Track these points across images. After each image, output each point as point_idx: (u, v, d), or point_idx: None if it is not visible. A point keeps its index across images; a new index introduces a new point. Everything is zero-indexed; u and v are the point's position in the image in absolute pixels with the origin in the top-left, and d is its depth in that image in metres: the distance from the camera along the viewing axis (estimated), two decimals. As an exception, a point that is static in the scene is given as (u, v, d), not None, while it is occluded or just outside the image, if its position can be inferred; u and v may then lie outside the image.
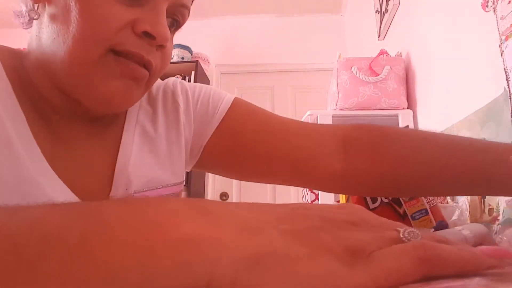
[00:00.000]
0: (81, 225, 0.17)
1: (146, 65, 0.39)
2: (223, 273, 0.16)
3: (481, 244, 0.40)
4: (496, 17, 0.76)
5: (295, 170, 0.49)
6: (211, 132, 0.50)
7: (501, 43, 0.74)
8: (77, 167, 0.41)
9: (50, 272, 0.15)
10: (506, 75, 0.73)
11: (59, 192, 0.38)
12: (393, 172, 0.46)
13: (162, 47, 0.40)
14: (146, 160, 0.45)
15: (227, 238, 0.18)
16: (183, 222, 0.18)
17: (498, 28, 0.76)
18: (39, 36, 0.39)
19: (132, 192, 0.43)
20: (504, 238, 0.31)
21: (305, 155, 0.48)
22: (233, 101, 0.51)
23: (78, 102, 0.40)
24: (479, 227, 0.42)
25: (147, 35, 0.38)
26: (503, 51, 0.74)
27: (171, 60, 2.38)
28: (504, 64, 0.74)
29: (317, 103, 2.38)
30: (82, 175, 0.41)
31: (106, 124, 0.45)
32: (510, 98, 0.72)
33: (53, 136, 0.40)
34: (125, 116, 0.47)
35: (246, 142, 0.49)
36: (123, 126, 0.46)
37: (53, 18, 0.37)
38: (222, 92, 0.53)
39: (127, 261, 0.16)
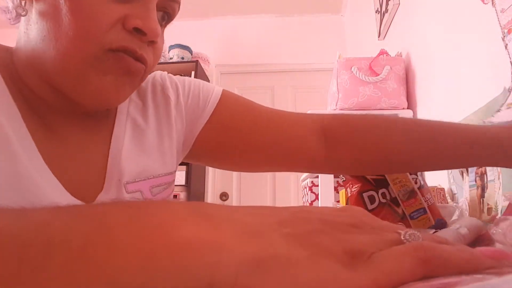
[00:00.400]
0: (84, 228, 0.17)
1: (140, 60, 0.40)
2: (223, 276, 0.16)
3: (477, 238, 0.40)
4: (496, 11, 0.75)
5: (282, 158, 0.52)
6: (203, 125, 0.51)
7: (504, 36, 0.73)
8: (72, 161, 0.41)
9: (54, 274, 0.15)
10: (512, 68, 0.72)
11: (54, 189, 0.38)
12: (370, 159, 0.51)
13: (153, 43, 0.40)
14: (137, 151, 0.46)
15: (227, 241, 0.18)
16: (184, 225, 0.18)
17: (499, 21, 0.74)
18: (27, 33, 0.39)
19: (125, 182, 0.43)
20: (499, 230, 0.31)
21: (291, 143, 0.51)
22: (222, 93, 0.53)
23: (70, 98, 0.40)
24: (475, 222, 0.42)
25: (138, 31, 0.38)
26: (507, 44, 0.72)
27: (171, 60, 2.38)
28: (510, 58, 0.71)
29: (317, 103, 2.39)
30: (76, 169, 0.41)
31: (99, 117, 0.45)
32: (510, 92, 0.71)
33: (47, 132, 0.40)
34: (116, 110, 0.47)
35: (237, 133, 0.51)
36: (115, 119, 0.46)
37: (41, 15, 0.37)
38: (210, 84, 0.54)
39: (129, 264, 0.16)
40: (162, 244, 0.17)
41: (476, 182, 0.80)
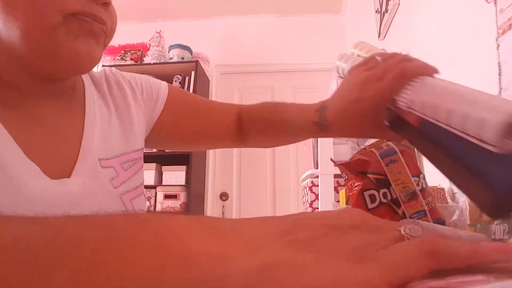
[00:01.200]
0: (95, 238, 0.17)
1: (100, 22, 0.42)
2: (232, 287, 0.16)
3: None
4: (496, 10, 0.76)
5: (212, 139, 0.66)
6: (158, 114, 0.59)
7: (498, 37, 0.74)
8: (48, 140, 0.43)
9: (64, 281, 0.15)
10: (500, 69, 0.73)
11: (32, 174, 0.39)
12: (269, 138, 0.65)
13: (107, 5, 0.43)
14: (105, 132, 0.51)
15: (234, 252, 0.18)
16: (192, 238, 0.18)
17: (496, 21, 0.75)
18: None
19: (97, 158, 0.47)
20: None
21: (219, 128, 0.64)
22: (168, 86, 0.62)
23: (45, 75, 0.42)
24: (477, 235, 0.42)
25: None
26: (499, 45, 0.73)
27: (171, 60, 2.37)
28: (498, 58, 0.73)
29: (317, 103, 2.38)
30: (53, 146, 0.43)
31: (69, 97, 0.48)
32: (499, 93, 0.72)
33: (20, 117, 0.42)
34: (84, 93, 0.50)
35: (184, 119, 0.62)
36: (84, 100, 0.50)
37: None
38: (156, 79, 0.63)
39: (137, 276, 0.16)
40: (171, 257, 0.17)
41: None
